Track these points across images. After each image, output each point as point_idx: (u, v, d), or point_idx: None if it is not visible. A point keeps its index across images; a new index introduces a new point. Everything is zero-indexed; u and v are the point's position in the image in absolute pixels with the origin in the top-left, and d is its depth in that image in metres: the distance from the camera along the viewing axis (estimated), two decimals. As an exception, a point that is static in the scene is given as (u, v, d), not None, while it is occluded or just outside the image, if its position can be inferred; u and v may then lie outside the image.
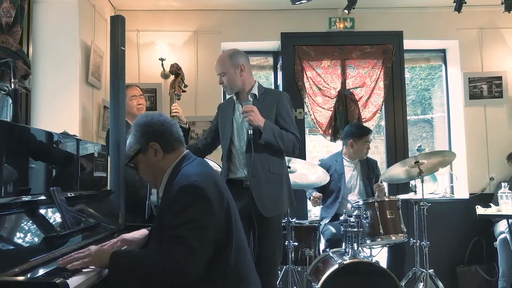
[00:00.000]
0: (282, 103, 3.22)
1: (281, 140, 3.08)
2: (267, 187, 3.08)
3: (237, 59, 3.21)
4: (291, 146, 3.15)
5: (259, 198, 3.04)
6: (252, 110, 3.00)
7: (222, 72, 3.20)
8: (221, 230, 1.94)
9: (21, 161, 2.05)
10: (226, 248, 1.96)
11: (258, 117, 3.01)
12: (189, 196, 1.89)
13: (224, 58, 3.23)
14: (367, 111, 5.47)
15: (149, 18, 5.38)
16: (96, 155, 2.85)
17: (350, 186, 4.36)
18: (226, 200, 2.00)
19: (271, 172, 3.11)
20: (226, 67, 3.19)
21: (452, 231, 5.26)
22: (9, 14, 2.70)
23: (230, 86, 3.23)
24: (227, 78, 3.20)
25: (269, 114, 3.14)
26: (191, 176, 1.97)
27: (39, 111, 3.97)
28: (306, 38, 5.50)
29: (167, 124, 2.16)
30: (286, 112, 3.22)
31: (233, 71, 3.19)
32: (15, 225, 1.87)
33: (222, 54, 3.31)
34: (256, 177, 3.06)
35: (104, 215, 2.69)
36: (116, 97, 3.24)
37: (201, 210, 1.88)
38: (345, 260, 3.41)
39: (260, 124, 3.01)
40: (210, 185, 1.95)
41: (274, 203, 3.10)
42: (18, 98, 2.33)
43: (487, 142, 5.44)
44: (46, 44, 4.01)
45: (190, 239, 1.83)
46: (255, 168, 3.05)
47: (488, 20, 5.53)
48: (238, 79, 3.20)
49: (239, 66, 3.19)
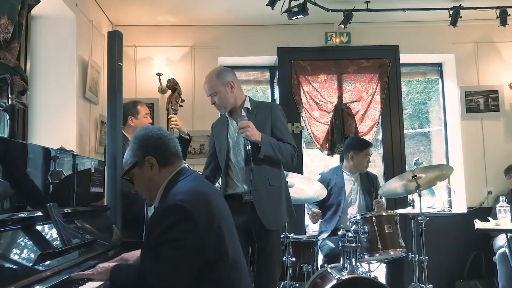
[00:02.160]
0: (275, 114, 3.22)
1: (279, 152, 3.08)
2: (269, 200, 3.07)
3: (224, 77, 3.17)
4: (290, 156, 3.14)
5: (262, 211, 3.02)
6: (248, 125, 2.99)
7: (213, 93, 3.16)
8: (211, 249, 1.92)
9: (18, 177, 2.03)
10: (219, 265, 1.94)
11: (255, 132, 3.00)
12: (173, 216, 1.88)
13: (212, 78, 3.18)
14: (364, 125, 5.48)
15: (146, 33, 5.40)
16: (93, 171, 2.84)
17: (350, 200, 4.35)
18: (217, 218, 1.97)
19: (271, 185, 3.10)
20: (215, 87, 3.15)
21: (450, 245, 5.25)
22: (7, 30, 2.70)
23: (223, 105, 3.18)
24: (219, 98, 3.15)
25: (264, 126, 3.12)
26: (178, 194, 1.96)
27: (36, 127, 3.96)
28: (303, 52, 5.54)
29: (165, 138, 2.15)
30: (281, 122, 3.22)
31: (223, 90, 3.15)
32: (11, 241, 1.85)
33: (209, 74, 3.23)
34: (257, 191, 3.04)
35: (100, 231, 2.67)
36: (113, 112, 3.24)
37: (182, 230, 1.86)
38: (344, 275, 3.39)
39: (257, 138, 3.00)
40: (197, 204, 1.93)
41: (277, 215, 3.10)
42: (15, 114, 2.32)
43: (485, 155, 5.45)
44: (44, 60, 4.02)
45: (167, 257, 1.85)
46: (255, 182, 3.03)
47: (483, 34, 5.58)
48: (230, 96, 3.17)
49: (228, 83, 3.15)
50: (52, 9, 3.93)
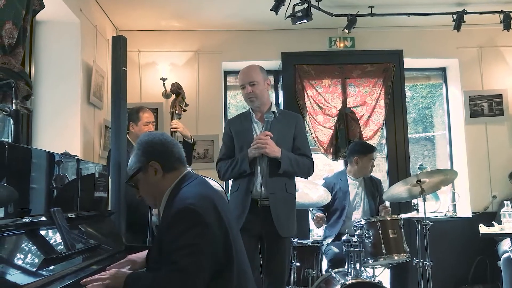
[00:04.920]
0: (300, 126, 3.28)
1: (297, 167, 3.13)
2: (284, 207, 3.09)
3: (266, 74, 3.25)
4: (306, 170, 3.21)
5: (277, 217, 3.03)
6: (267, 143, 3.00)
7: (254, 81, 3.16)
8: (220, 253, 1.91)
9: (22, 182, 2.04)
10: (226, 271, 1.93)
11: (274, 148, 3.03)
12: (185, 220, 1.87)
13: (256, 69, 3.21)
14: (368, 130, 5.47)
15: (151, 38, 5.42)
16: (97, 176, 2.84)
17: (354, 204, 4.34)
18: (225, 223, 1.97)
19: (287, 192, 3.13)
20: (258, 78, 3.18)
21: (455, 250, 5.23)
22: (11, 36, 2.71)
23: (259, 97, 3.19)
24: (259, 89, 3.17)
25: (287, 133, 3.17)
26: (188, 198, 1.94)
27: (40, 132, 3.97)
28: (307, 57, 5.54)
29: (168, 143, 2.15)
30: (304, 135, 3.31)
31: (263, 83, 3.20)
32: (15, 246, 1.85)
33: (252, 65, 3.27)
34: (274, 195, 3.05)
35: (104, 236, 2.67)
36: (118, 117, 3.24)
37: (197, 235, 1.85)
38: (348, 280, 3.38)
39: (277, 155, 3.03)
40: (207, 208, 1.93)
41: (290, 223, 3.12)
42: (19, 119, 2.32)
43: (489, 160, 5.43)
44: (48, 65, 4.03)
45: (185, 265, 1.81)
46: (273, 187, 3.06)
47: (487, 38, 5.57)
48: (266, 93, 3.23)
49: (267, 81, 3.23)
50: (57, 14, 3.94)
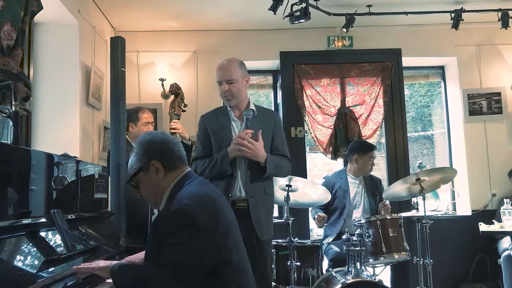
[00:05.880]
0: (279, 124, 3.20)
1: (280, 170, 3.07)
2: (263, 209, 3.01)
3: (245, 70, 3.06)
4: (286, 172, 3.17)
5: (256, 220, 2.94)
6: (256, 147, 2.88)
7: (232, 80, 2.96)
8: (215, 253, 1.91)
9: (21, 183, 2.03)
10: (223, 270, 1.93)
11: (260, 152, 2.91)
12: (177, 221, 1.87)
13: (235, 65, 3.00)
14: (367, 129, 5.47)
15: (149, 39, 5.42)
16: (97, 177, 2.84)
17: (355, 203, 4.34)
18: (223, 223, 1.96)
19: (267, 194, 3.06)
20: (236, 74, 2.97)
21: (455, 248, 5.23)
22: (10, 37, 2.71)
23: (236, 96, 3.00)
24: (236, 87, 2.97)
25: (266, 132, 3.04)
26: (184, 199, 1.94)
27: (39, 133, 3.97)
28: (305, 56, 5.54)
29: (169, 142, 2.15)
30: (283, 134, 3.22)
31: (241, 81, 3.00)
32: (15, 248, 1.85)
33: (231, 60, 3.03)
34: (254, 198, 2.96)
35: (105, 237, 2.67)
36: (117, 118, 3.24)
37: (186, 235, 1.85)
38: (348, 279, 3.37)
39: (261, 160, 2.93)
40: (203, 208, 1.92)
41: (268, 225, 3.05)
42: (18, 121, 2.32)
43: (488, 158, 5.44)
44: (47, 66, 4.03)
45: (169, 262, 1.84)
46: (253, 190, 2.96)
47: (485, 36, 5.57)
48: (244, 91, 3.05)
49: (246, 78, 3.05)
50: (55, 15, 3.94)
